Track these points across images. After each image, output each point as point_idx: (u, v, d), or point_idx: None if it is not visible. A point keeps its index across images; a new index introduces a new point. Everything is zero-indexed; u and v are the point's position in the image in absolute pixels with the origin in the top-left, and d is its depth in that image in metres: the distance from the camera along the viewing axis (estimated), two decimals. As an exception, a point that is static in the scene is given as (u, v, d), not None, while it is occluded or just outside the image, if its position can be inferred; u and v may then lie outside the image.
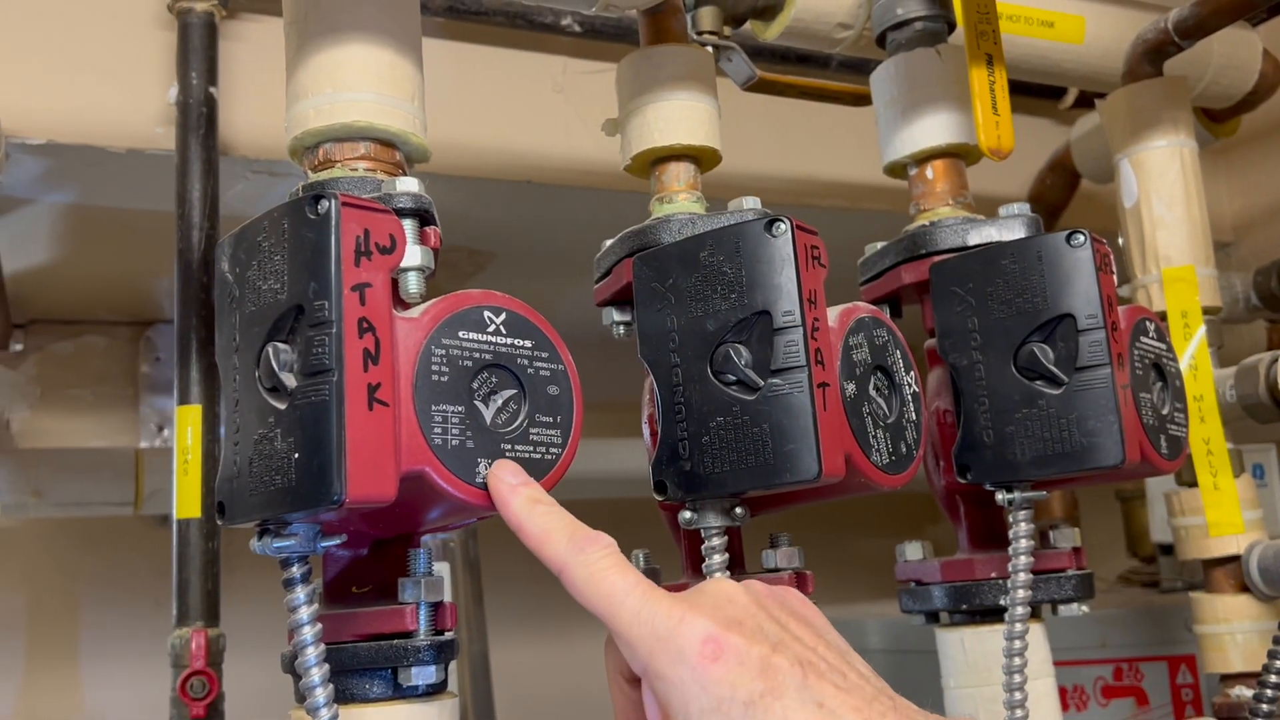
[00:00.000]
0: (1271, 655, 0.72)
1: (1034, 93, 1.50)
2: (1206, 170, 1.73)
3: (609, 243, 0.72)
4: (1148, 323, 0.71)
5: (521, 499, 0.50)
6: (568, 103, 1.23)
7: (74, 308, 1.65)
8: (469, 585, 1.14)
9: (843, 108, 1.01)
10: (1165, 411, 0.70)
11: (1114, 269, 0.67)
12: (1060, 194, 1.40)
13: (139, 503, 1.43)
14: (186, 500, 0.92)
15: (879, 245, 0.80)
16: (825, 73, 1.32)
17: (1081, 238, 0.65)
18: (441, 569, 1.10)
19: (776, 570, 0.65)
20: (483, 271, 1.51)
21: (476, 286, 1.61)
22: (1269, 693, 0.72)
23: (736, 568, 0.68)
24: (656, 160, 0.73)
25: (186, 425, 0.93)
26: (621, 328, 0.70)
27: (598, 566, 0.47)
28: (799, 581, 0.65)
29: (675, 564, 0.72)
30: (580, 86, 1.24)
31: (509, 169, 1.21)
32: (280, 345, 0.48)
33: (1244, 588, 0.87)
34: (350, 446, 0.46)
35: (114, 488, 1.42)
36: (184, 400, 0.94)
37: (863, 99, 0.86)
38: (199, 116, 0.99)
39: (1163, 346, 0.72)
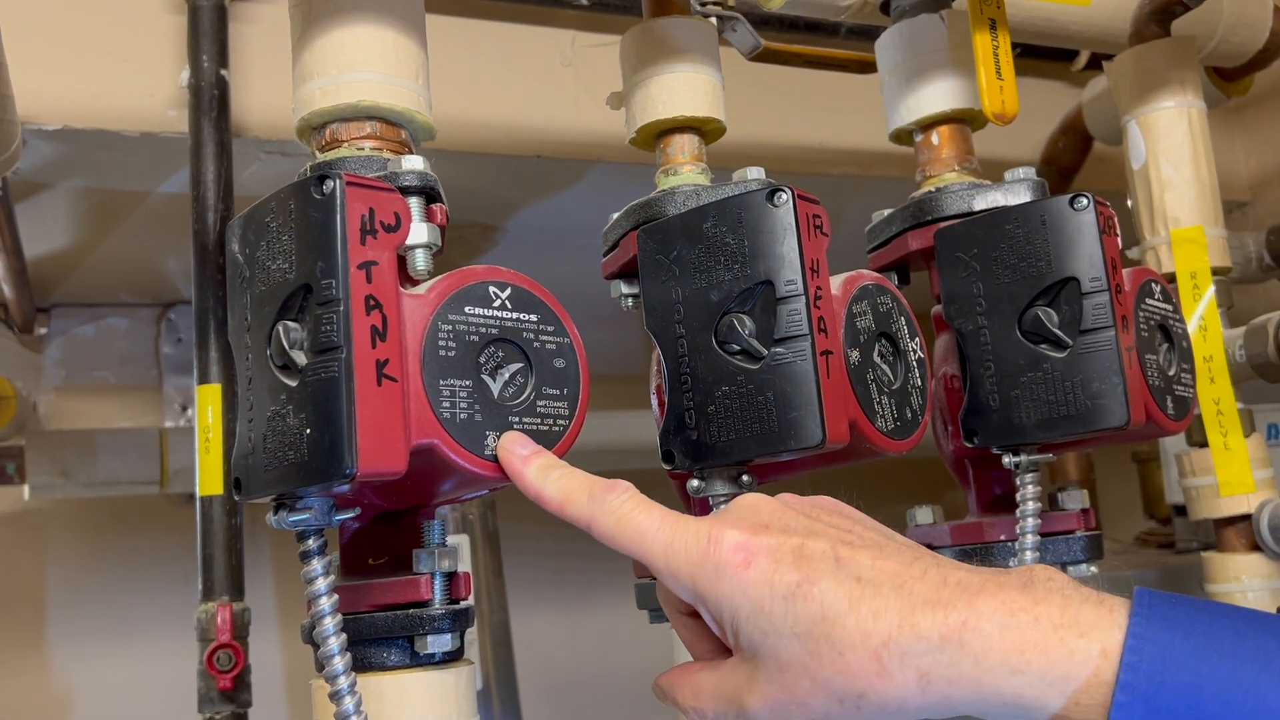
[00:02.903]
0: (1281, 612, 0.73)
1: (1045, 55, 1.49)
2: (1221, 129, 1.72)
3: (615, 216, 0.73)
4: (1153, 284, 0.71)
5: (535, 468, 0.50)
6: (576, 76, 1.23)
7: (95, 291, 1.66)
8: (488, 557, 1.15)
9: (853, 75, 1.01)
10: (1171, 373, 0.71)
11: (1118, 231, 0.67)
12: (1073, 156, 1.39)
13: (164, 481, 1.45)
14: (209, 478, 0.94)
15: (886, 212, 0.81)
16: (834, 40, 1.32)
17: (1085, 201, 0.65)
18: (460, 541, 1.12)
19: (786, 536, 0.66)
20: (495, 246, 1.52)
21: (488, 260, 1.62)
22: (1278, 649, 0.72)
23: (747, 534, 0.69)
24: (661, 133, 0.73)
25: (207, 404, 0.95)
26: (630, 300, 0.71)
27: (622, 510, 0.47)
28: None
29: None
30: (589, 60, 1.24)
31: (519, 144, 1.21)
32: (290, 324, 0.49)
33: (1255, 546, 0.88)
34: (360, 421, 0.47)
35: (140, 467, 1.44)
36: (204, 380, 0.95)
37: (868, 66, 0.86)
38: (211, 99, 1.00)
39: (1169, 308, 0.72)
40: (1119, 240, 0.67)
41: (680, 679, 0.48)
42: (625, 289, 0.71)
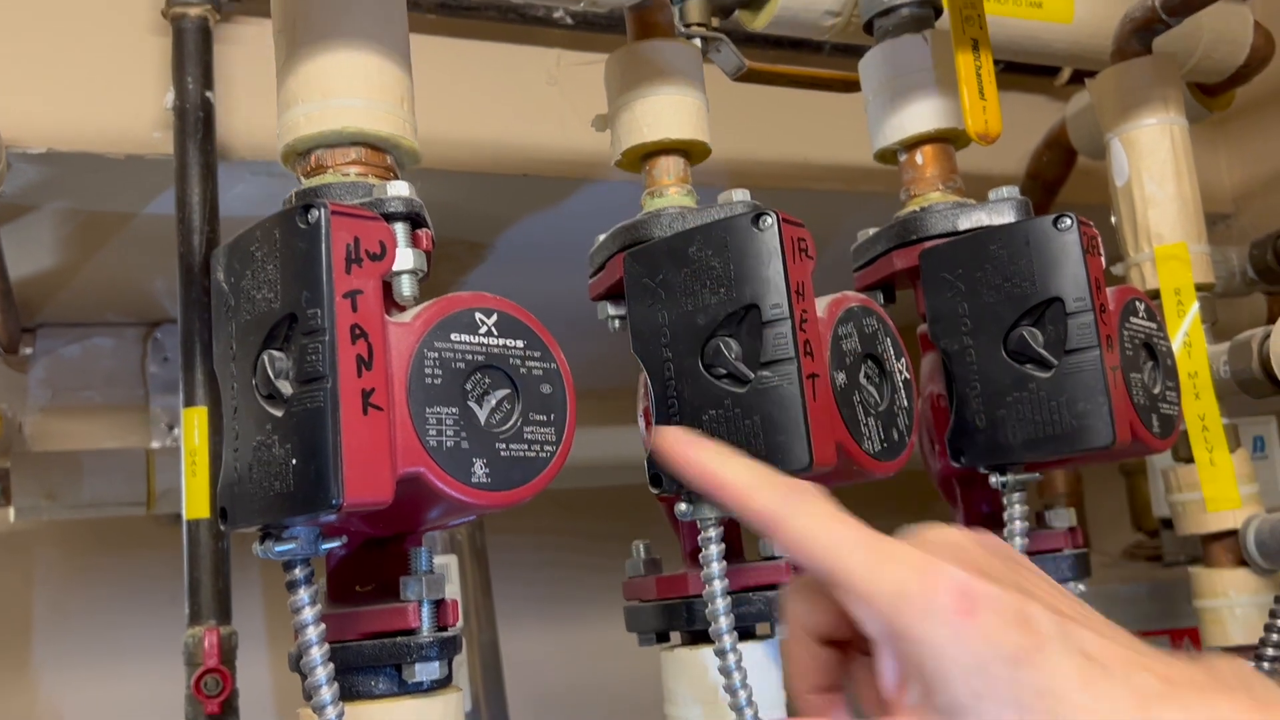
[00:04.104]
0: (1268, 628, 0.73)
1: (1029, 70, 1.49)
2: (1205, 142, 1.73)
3: (602, 238, 0.73)
4: (1137, 303, 0.71)
5: (711, 451, 0.45)
6: (562, 95, 1.24)
7: (81, 311, 1.66)
8: (476, 576, 1.15)
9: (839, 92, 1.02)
10: (1157, 390, 0.71)
11: (1102, 251, 0.67)
12: (1057, 170, 1.39)
13: (151, 502, 1.44)
14: (195, 501, 0.94)
15: (871, 231, 0.81)
16: (819, 57, 1.32)
17: (1068, 221, 0.65)
18: (448, 560, 1.12)
19: (774, 558, 0.66)
20: (483, 263, 1.52)
21: (476, 278, 1.61)
22: (1265, 665, 0.72)
23: (734, 557, 0.69)
24: (646, 155, 0.73)
25: (193, 427, 0.94)
26: (617, 322, 0.71)
27: (818, 515, 0.42)
28: (796, 569, 0.66)
29: (675, 554, 0.73)
30: (574, 79, 1.24)
31: (505, 163, 1.21)
32: (275, 353, 0.49)
33: (1242, 561, 0.88)
34: (346, 451, 0.47)
35: (126, 488, 1.44)
36: (190, 402, 0.95)
37: (852, 86, 0.86)
38: (196, 121, 0.99)
39: (1153, 326, 0.72)
40: (1103, 260, 0.67)
41: None
42: (612, 310, 0.71)
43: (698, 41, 0.83)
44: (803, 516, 0.42)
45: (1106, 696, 0.37)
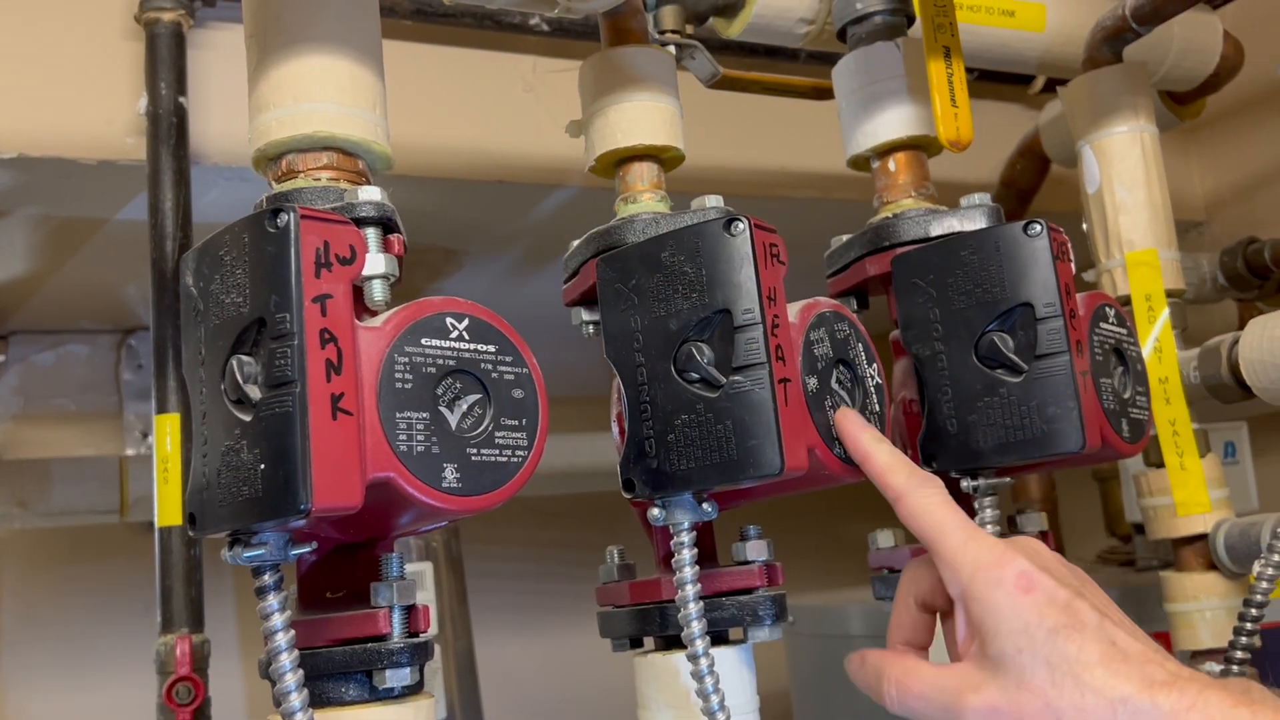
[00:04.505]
0: (1236, 631, 0.73)
1: (1003, 79, 1.51)
2: (1176, 151, 1.75)
3: (576, 243, 0.73)
4: (1107, 308, 0.72)
5: (869, 436, 0.59)
6: (538, 102, 1.24)
7: (55, 318, 1.64)
8: (452, 584, 1.15)
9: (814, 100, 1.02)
10: (1127, 395, 0.71)
11: (1071, 257, 0.67)
12: (1031, 178, 1.40)
13: (124, 510, 1.43)
14: (168, 508, 0.93)
15: (844, 238, 0.81)
16: (794, 65, 1.33)
17: (1038, 227, 0.66)
18: (423, 568, 1.11)
19: (747, 563, 0.66)
20: (460, 269, 1.52)
21: (452, 284, 1.61)
22: (1235, 668, 0.73)
23: (708, 561, 0.69)
24: (620, 161, 0.74)
25: (165, 434, 0.94)
26: (591, 327, 0.71)
27: (933, 500, 0.54)
28: (768, 573, 0.66)
29: (651, 560, 0.72)
30: (550, 85, 1.24)
31: (481, 169, 1.21)
32: (244, 358, 0.49)
33: (1212, 565, 0.89)
34: (315, 456, 0.46)
35: (99, 495, 1.43)
36: (162, 409, 0.95)
37: (825, 93, 0.87)
38: (169, 126, 0.99)
39: (1123, 331, 0.73)
40: (1073, 266, 0.67)
41: (895, 659, 0.54)
42: (586, 316, 0.71)
43: (672, 49, 0.83)
44: (921, 498, 0.54)
45: (1120, 675, 0.46)
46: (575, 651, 1.69)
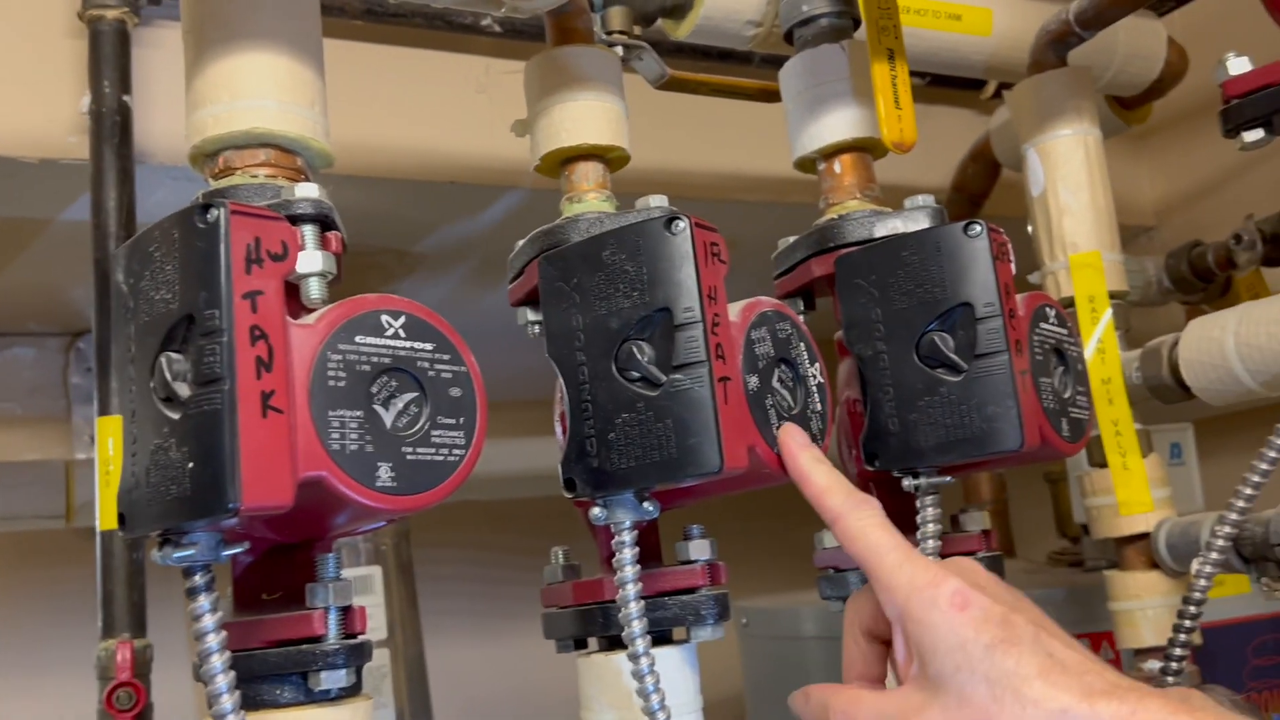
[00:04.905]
0: (1176, 629, 0.74)
1: (957, 84, 1.52)
2: (1127, 156, 1.77)
3: (520, 243, 0.73)
4: (1047, 309, 0.72)
5: (808, 456, 0.59)
6: (491, 103, 1.23)
7: (1, 320, 1.62)
8: (402, 588, 1.14)
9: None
10: (1067, 395, 0.72)
11: (1011, 257, 0.68)
12: (982, 182, 1.42)
13: (70, 515, 1.41)
14: (110, 512, 0.92)
15: (791, 239, 0.81)
16: (748, 68, 1.33)
17: (978, 228, 0.66)
18: (372, 572, 1.10)
19: (690, 562, 0.66)
20: (412, 272, 1.51)
21: (408, 287, 1.60)
22: (1174, 665, 0.74)
23: (652, 560, 0.69)
24: (565, 160, 0.73)
25: (108, 436, 0.92)
26: (535, 327, 0.70)
27: (868, 522, 0.54)
28: (711, 573, 0.66)
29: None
30: (503, 86, 1.24)
31: (433, 170, 1.20)
32: (173, 355, 0.48)
33: (1154, 564, 0.90)
34: (244, 454, 0.46)
35: (44, 500, 1.40)
36: (104, 411, 0.93)
37: (773, 95, 0.87)
38: (113, 125, 0.98)
39: (1063, 331, 0.73)
40: (1013, 266, 0.68)
41: (838, 690, 0.54)
42: (531, 316, 0.71)
43: (619, 49, 0.83)
44: (857, 519, 0.55)
45: (1060, 686, 0.46)
46: (528, 654, 1.68)
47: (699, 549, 0.66)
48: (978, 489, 1.39)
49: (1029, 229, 0.98)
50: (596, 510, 0.61)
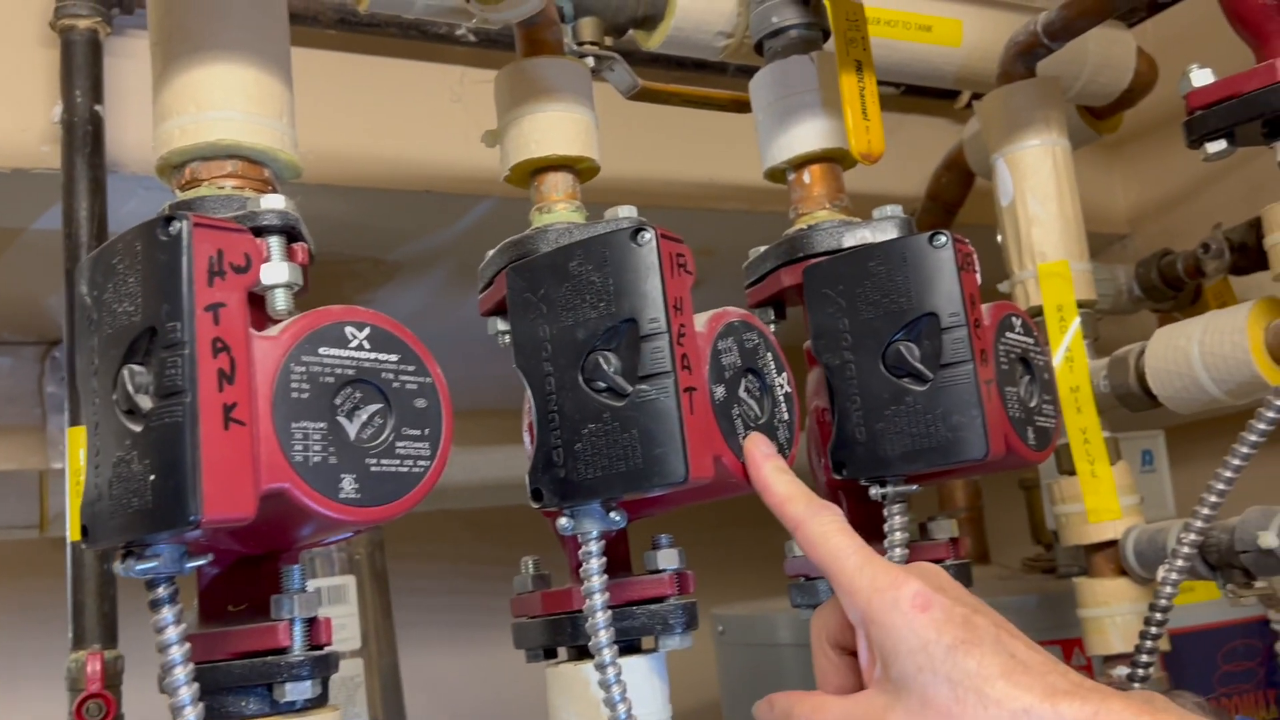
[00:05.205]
0: (1142, 635, 0.75)
1: (930, 93, 1.53)
2: (1100, 166, 1.78)
3: (490, 253, 0.73)
4: (1014, 318, 0.73)
5: (771, 466, 0.60)
6: (466, 112, 1.24)
7: (-25, 329, 1.61)
8: (376, 598, 1.14)
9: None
10: (1033, 404, 0.73)
11: (977, 267, 0.69)
12: (956, 191, 1.43)
13: (44, 525, 1.40)
14: (80, 522, 0.91)
15: (762, 249, 0.82)
16: (722, 78, 1.34)
17: (943, 239, 0.67)
18: (346, 582, 1.10)
19: (658, 572, 0.66)
20: (390, 280, 1.51)
21: (385, 296, 1.59)
22: (1140, 671, 0.74)
23: (620, 570, 0.69)
24: (535, 171, 0.74)
25: (79, 447, 0.92)
26: (505, 337, 0.71)
27: (829, 528, 0.55)
28: (679, 582, 0.66)
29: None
30: (478, 96, 1.24)
31: (408, 179, 1.21)
32: (136, 367, 0.48)
33: (1123, 571, 0.90)
34: (205, 466, 0.46)
35: (18, 510, 1.40)
36: (75, 422, 0.93)
37: (744, 106, 0.87)
38: (85, 134, 0.98)
39: (1029, 341, 0.74)
40: (978, 276, 0.68)
41: (801, 696, 0.55)
42: (500, 326, 0.71)
43: (590, 60, 0.83)
44: (818, 525, 0.55)
45: (1022, 686, 0.46)
46: (504, 664, 1.68)
47: (667, 558, 0.66)
48: (952, 496, 1.39)
49: (998, 238, 0.99)
50: (563, 520, 0.61)
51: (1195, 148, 0.76)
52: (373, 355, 0.53)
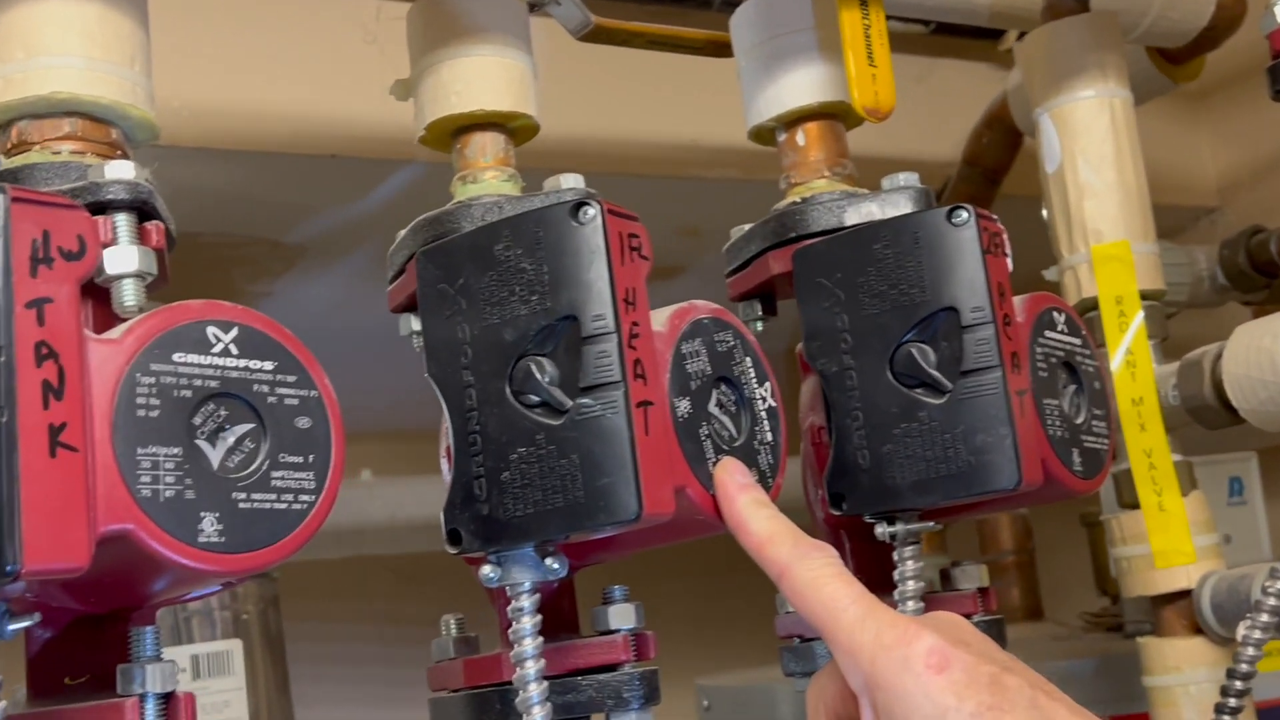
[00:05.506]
0: (1219, 709, 0.75)
1: (968, 32, 1.54)
2: (1185, 122, 1.79)
3: (402, 234, 0.73)
4: (1055, 313, 0.73)
5: (748, 499, 0.60)
6: (383, 55, 1.23)
7: None
8: (270, 668, 1.14)
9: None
10: (1080, 420, 0.73)
11: (1008, 250, 0.69)
12: (1000, 154, 1.43)
13: None
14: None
15: (745, 227, 0.82)
16: (706, 13, 1.35)
17: (964, 214, 0.67)
18: (231, 647, 1.10)
19: (610, 632, 0.67)
20: (292, 269, 1.51)
21: (287, 288, 1.59)
22: (1216, 754, 0.75)
23: (564, 631, 0.70)
24: (457, 130, 0.74)
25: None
26: (419, 339, 0.71)
27: (822, 573, 0.55)
28: (637, 645, 0.67)
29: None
30: (398, 36, 1.24)
31: (311, 140, 1.21)
32: (-59, 380, 0.48)
33: (1198, 629, 0.91)
34: (25, 504, 0.46)
35: None
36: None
37: (725, 48, 0.88)
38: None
39: (1075, 341, 0.74)
40: (1009, 261, 0.69)
41: None
42: (414, 325, 0.71)
43: (532, -8, 0.84)
44: (807, 570, 0.55)
45: None
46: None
47: (620, 615, 0.66)
48: (995, 536, 1.40)
49: (1043, 213, 0.99)
50: (487, 569, 0.61)
51: (1280, 100, 0.77)
52: (242, 363, 0.53)
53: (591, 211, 0.60)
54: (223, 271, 1.50)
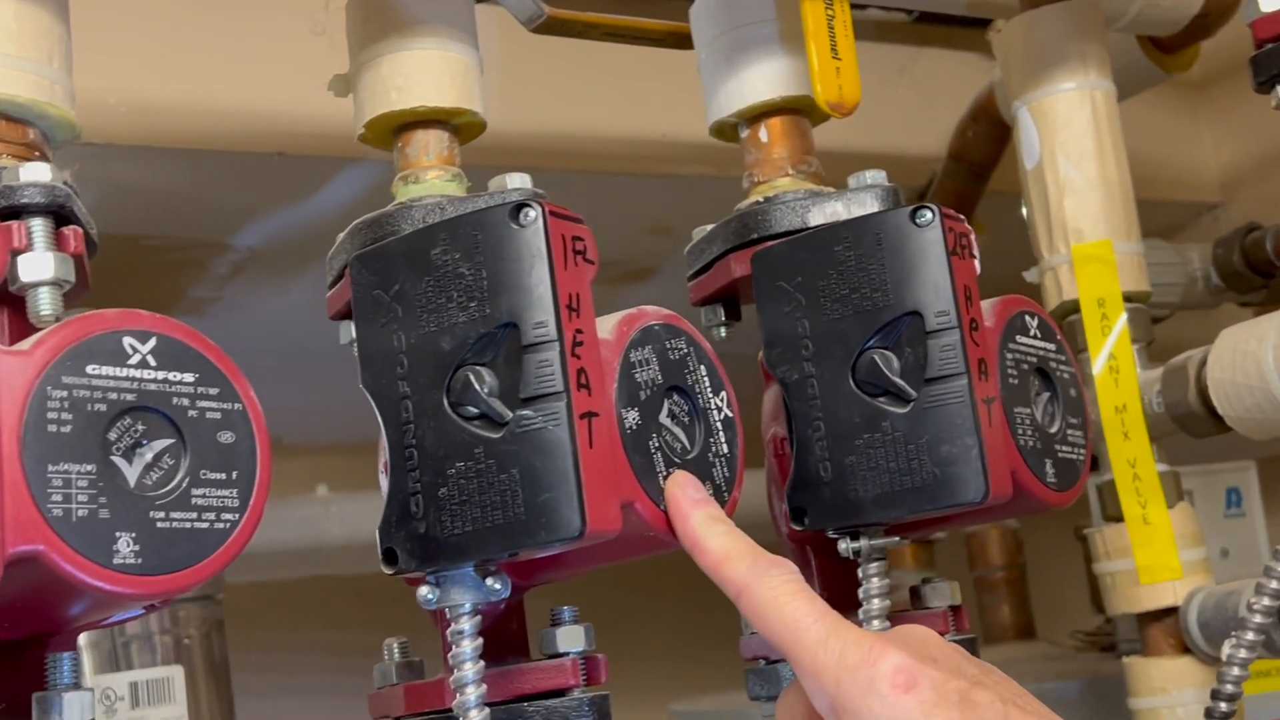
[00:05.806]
0: (1206, 732, 0.76)
1: (954, 21, 1.55)
2: (1185, 114, 1.80)
3: (340, 237, 0.74)
4: (1028, 318, 0.74)
5: (702, 515, 0.60)
6: (331, 48, 1.24)
7: None
8: (214, 697, 1.14)
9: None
10: (1054, 429, 0.74)
11: (975, 252, 0.70)
12: (987, 148, 1.44)
13: None
14: None
15: (707, 228, 0.83)
16: (682, 5, 1.35)
17: (929, 214, 0.68)
18: (172, 674, 1.10)
19: (558, 655, 0.67)
20: (241, 274, 1.51)
21: (239, 291, 1.59)
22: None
23: (513, 654, 0.70)
24: (398, 128, 0.75)
25: None
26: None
27: (783, 590, 0.55)
28: (590, 668, 0.67)
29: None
30: (348, 27, 1.25)
31: (255, 137, 1.21)
32: None
33: (1185, 648, 0.92)
34: (-73, 525, 0.46)
35: None
36: None
37: (685, 40, 0.88)
38: None
39: (1049, 347, 0.75)
40: (976, 263, 0.70)
41: None
42: (353, 333, 0.72)
43: (478, -18, 0.84)
44: (766, 588, 0.55)
45: None
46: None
47: (569, 638, 0.67)
48: (984, 551, 1.41)
49: (1022, 211, 1.00)
50: (424, 590, 0.61)
51: (1264, 91, 0.78)
52: (160, 375, 0.54)
53: (532, 213, 0.60)
54: (169, 276, 1.50)
